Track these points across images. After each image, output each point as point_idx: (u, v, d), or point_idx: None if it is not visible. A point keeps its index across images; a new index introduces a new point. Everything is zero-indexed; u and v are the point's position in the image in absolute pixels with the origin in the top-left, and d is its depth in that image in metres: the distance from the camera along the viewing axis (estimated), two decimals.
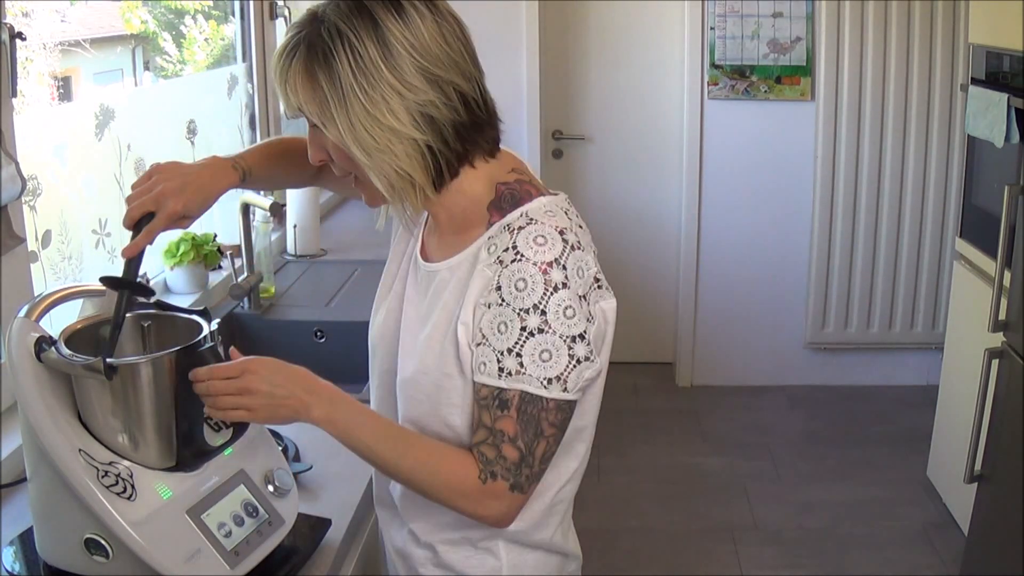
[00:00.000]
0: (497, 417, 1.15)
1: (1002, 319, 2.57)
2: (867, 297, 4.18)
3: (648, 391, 4.34)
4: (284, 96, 1.16)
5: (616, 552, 3.14)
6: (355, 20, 1.10)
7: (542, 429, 1.15)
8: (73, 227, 2.02)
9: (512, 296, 1.13)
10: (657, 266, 4.42)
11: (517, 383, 1.13)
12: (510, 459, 1.15)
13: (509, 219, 1.19)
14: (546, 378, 1.13)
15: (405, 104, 1.11)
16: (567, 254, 1.15)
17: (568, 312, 1.13)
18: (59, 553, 1.25)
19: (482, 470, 1.16)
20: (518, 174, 1.24)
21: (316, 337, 2.38)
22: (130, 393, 1.20)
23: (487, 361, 1.15)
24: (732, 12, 3.92)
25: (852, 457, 3.70)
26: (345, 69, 1.10)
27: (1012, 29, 2.65)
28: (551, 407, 1.15)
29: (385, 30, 1.10)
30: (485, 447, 1.16)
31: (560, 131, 4.34)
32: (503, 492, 1.16)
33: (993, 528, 2.56)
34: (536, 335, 1.12)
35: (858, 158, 4.01)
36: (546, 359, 1.13)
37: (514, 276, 1.14)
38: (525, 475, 1.17)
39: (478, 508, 1.18)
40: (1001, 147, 2.73)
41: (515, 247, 1.15)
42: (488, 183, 1.22)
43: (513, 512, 1.20)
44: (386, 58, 1.10)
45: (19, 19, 1.82)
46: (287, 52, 1.13)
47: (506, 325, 1.13)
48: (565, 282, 1.13)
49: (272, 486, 1.33)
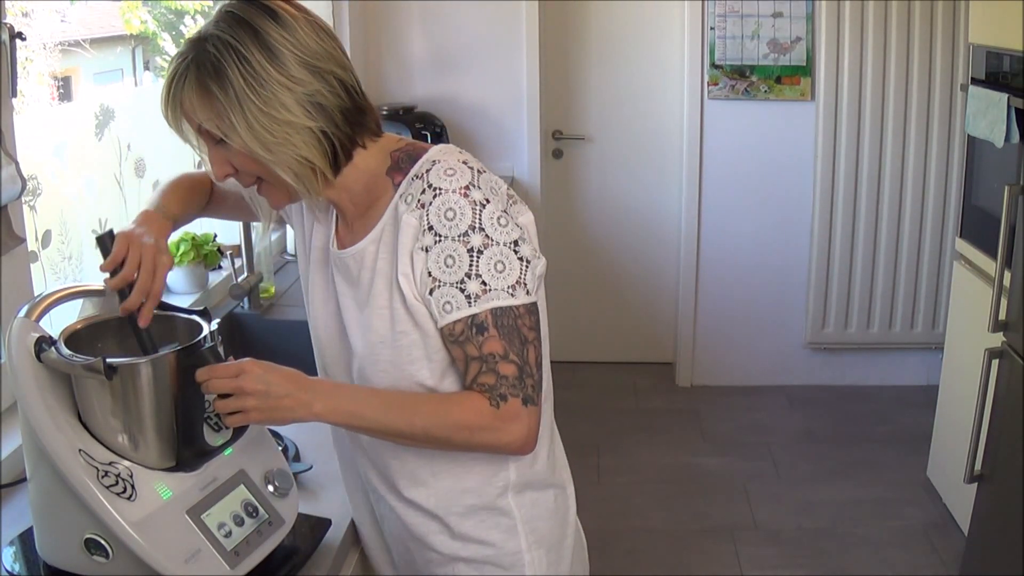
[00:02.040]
0: (481, 343, 1.20)
1: (1002, 319, 2.57)
2: (867, 297, 4.18)
3: (648, 391, 4.34)
4: (177, 123, 1.22)
5: (616, 552, 3.14)
6: (237, 31, 1.17)
7: (524, 335, 1.21)
8: (73, 227, 2.02)
9: (446, 227, 1.20)
10: (657, 266, 4.42)
11: (487, 303, 1.19)
12: (510, 375, 1.20)
13: (415, 169, 1.26)
14: (509, 286, 1.20)
15: (295, 97, 1.17)
16: (477, 176, 1.23)
17: (501, 220, 1.21)
18: (59, 553, 1.25)
19: (491, 398, 1.20)
20: (406, 140, 1.33)
21: None
22: (130, 393, 1.20)
23: (451, 299, 1.20)
24: (732, 12, 3.92)
25: (852, 457, 3.70)
26: (236, 76, 1.15)
27: (1012, 29, 2.65)
28: (523, 312, 1.21)
29: (266, 35, 1.17)
30: (483, 376, 1.21)
31: (560, 131, 4.34)
32: (518, 409, 1.21)
33: (993, 528, 2.56)
34: (484, 251, 1.19)
35: (858, 158, 4.01)
36: (501, 270, 1.20)
37: (441, 209, 1.20)
38: (529, 385, 1.22)
39: (501, 436, 1.22)
40: (1001, 147, 2.73)
41: (431, 186, 1.22)
42: (381, 155, 1.29)
43: (534, 428, 1.24)
44: (271, 59, 1.17)
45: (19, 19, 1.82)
46: (176, 79, 1.19)
47: (452, 257, 1.19)
48: (487, 198, 1.21)
49: (272, 486, 1.33)
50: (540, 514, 1.37)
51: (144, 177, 2.31)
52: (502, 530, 1.34)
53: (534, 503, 1.37)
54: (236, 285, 2.30)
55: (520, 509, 1.35)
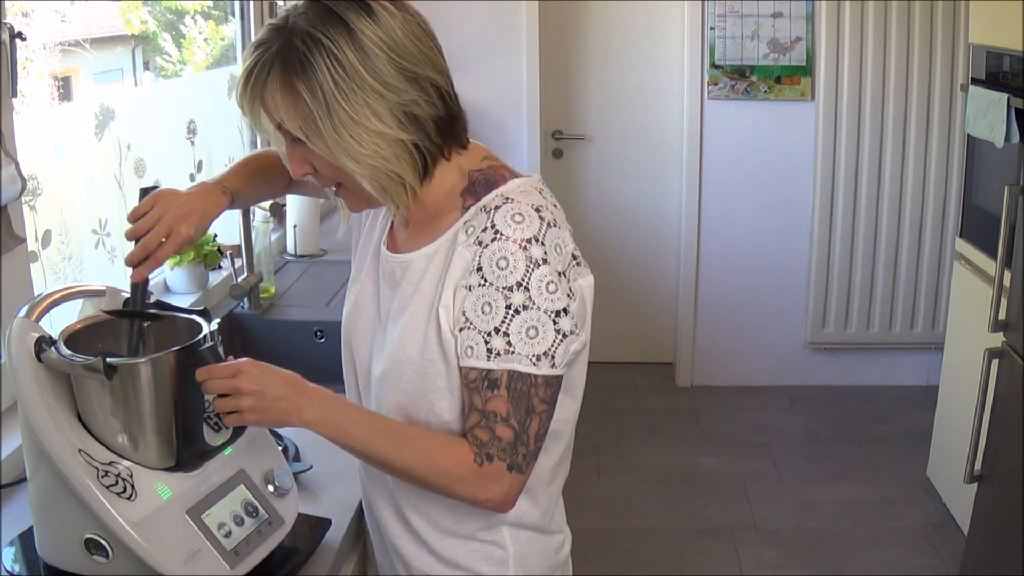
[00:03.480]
0: (488, 398, 1.15)
1: (1002, 319, 2.57)
2: (867, 297, 4.18)
3: (648, 391, 4.34)
4: (256, 117, 1.15)
5: (616, 552, 3.14)
6: (328, 26, 1.08)
7: (533, 406, 1.15)
8: (73, 227, 2.02)
9: (494, 275, 1.13)
10: (657, 266, 4.42)
11: (506, 363, 1.13)
12: (504, 439, 1.15)
13: (485, 201, 1.19)
14: (534, 355, 1.13)
15: (388, 106, 1.11)
16: (544, 231, 1.15)
17: (551, 287, 1.14)
18: (59, 553, 1.25)
19: (477, 453, 1.16)
20: (490, 160, 1.25)
21: (316, 337, 2.38)
22: (130, 393, 1.20)
23: (474, 344, 1.14)
24: (732, 12, 3.92)
25: (852, 457, 3.70)
26: (326, 78, 1.08)
27: (1012, 29, 2.65)
28: (540, 383, 1.15)
29: (359, 33, 1.09)
30: (479, 430, 1.16)
31: (560, 131, 4.34)
32: (501, 473, 1.16)
33: (993, 528, 2.56)
34: (521, 312, 1.13)
35: (858, 158, 4.01)
36: (533, 336, 1.13)
37: (495, 255, 1.14)
38: (521, 454, 1.16)
39: (478, 492, 1.18)
40: (1001, 147, 2.73)
41: (493, 226, 1.15)
42: (460, 173, 1.23)
43: (514, 494, 1.19)
44: (365, 62, 1.09)
45: (19, 19, 1.82)
46: (258, 70, 1.11)
47: (490, 305, 1.13)
48: (545, 258, 1.14)
49: (272, 486, 1.33)
50: (534, 552, 1.33)
51: (144, 177, 2.30)
52: (493, 562, 1.30)
53: (530, 540, 1.32)
54: (236, 285, 2.30)
55: (515, 544, 1.31)
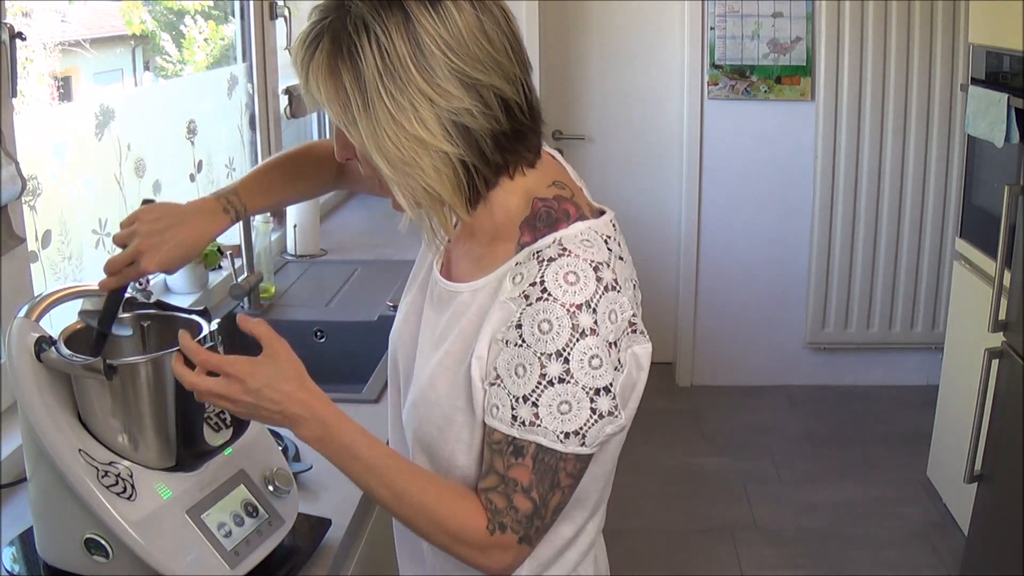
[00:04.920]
0: (511, 465, 1.04)
1: (1002, 319, 2.57)
2: (867, 297, 4.18)
3: (648, 391, 4.29)
4: (305, 88, 1.03)
5: (616, 552, 3.11)
6: (384, 12, 0.97)
7: (559, 480, 1.05)
8: (73, 227, 2.02)
9: (534, 338, 1.01)
10: (657, 266, 4.42)
11: (530, 434, 1.03)
12: (522, 511, 1.05)
13: (540, 245, 1.06)
14: (563, 432, 1.02)
15: (436, 112, 0.98)
16: (600, 296, 1.02)
17: (594, 362, 1.01)
18: (59, 553, 1.25)
19: (491, 520, 1.06)
20: (558, 188, 1.11)
21: (316, 337, 2.38)
22: (130, 393, 1.20)
23: (500, 405, 1.04)
24: (732, 12, 3.92)
25: (852, 457, 3.70)
26: (371, 69, 0.97)
27: (1012, 29, 2.65)
28: (570, 458, 1.04)
29: (417, 24, 0.97)
30: (495, 495, 1.06)
31: (560, 131, 4.33)
32: (511, 544, 1.06)
33: (993, 528, 2.56)
34: (556, 384, 1.01)
35: (858, 158, 4.01)
36: (565, 411, 1.02)
37: (538, 316, 1.01)
38: (536, 527, 1.07)
39: (481, 559, 1.08)
40: (1001, 147, 2.73)
41: (543, 282, 1.02)
42: (524, 197, 1.09)
43: (518, 563, 1.11)
44: (417, 58, 0.97)
45: (19, 19, 1.82)
46: (310, 40, 1.01)
47: (524, 368, 1.02)
48: (594, 328, 1.01)
49: (272, 486, 1.33)
50: None
51: (144, 177, 2.30)
52: None
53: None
54: (236, 285, 2.30)
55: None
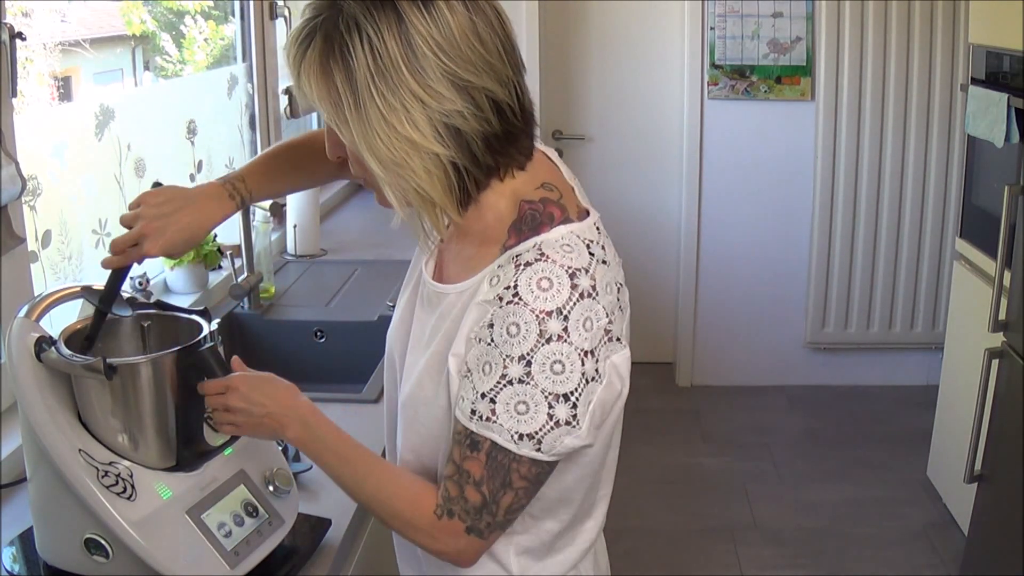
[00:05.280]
0: (466, 456, 1.07)
1: (1002, 319, 2.57)
2: (867, 297, 4.18)
3: (648, 391, 4.34)
4: (297, 85, 1.04)
5: (616, 552, 3.11)
6: (377, 13, 0.97)
7: (510, 480, 1.06)
8: (73, 227, 2.02)
9: (502, 339, 1.03)
10: (657, 266, 4.42)
11: (486, 430, 1.04)
12: (471, 502, 1.08)
13: (520, 248, 1.07)
14: (518, 433, 1.03)
15: (427, 113, 0.99)
16: (573, 303, 1.02)
17: (556, 367, 1.01)
18: (59, 553, 1.25)
19: (440, 505, 1.09)
20: (546, 191, 1.12)
21: (316, 337, 2.38)
22: (130, 393, 1.20)
23: (464, 397, 1.06)
24: (732, 12, 3.92)
25: (852, 457, 3.70)
26: (363, 69, 0.98)
27: (1012, 29, 2.65)
28: (524, 461, 1.05)
29: (409, 25, 0.97)
30: (450, 483, 1.09)
31: (560, 131, 4.34)
32: (459, 532, 1.09)
33: (993, 528, 2.56)
34: (515, 384, 1.02)
35: (858, 158, 4.01)
36: (522, 412, 1.02)
37: (507, 319, 1.03)
38: (486, 522, 1.09)
39: (432, 543, 1.12)
40: (1001, 147, 2.73)
41: (515, 286, 1.04)
42: (512, 200, 1.10)
43: (471, 554, 1.13)
44: (409, 60, 0.97)
45: (19, 19, 1.82)
46: (302, 38, 1.01)
47: (490, 366, 1.04)
48: (562, 335, 1.01)
49: (272, 486, 1.33)
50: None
51: (144, 177, 2.30)
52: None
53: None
54: (236, 285, 2.30)
55: None
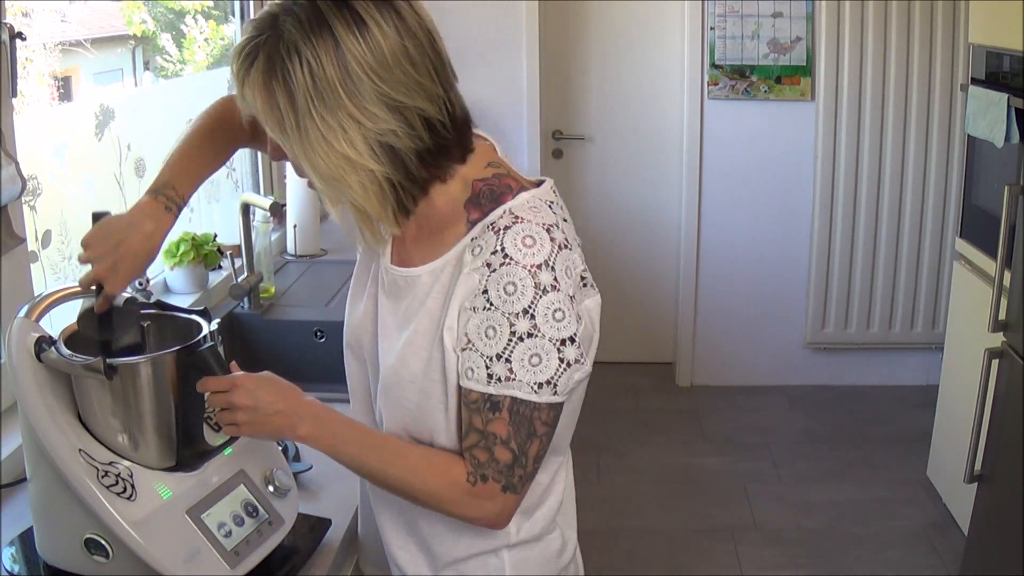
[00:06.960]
0: (488, 420, 1.13)
1: (1002, 319, 2.57)
2: (867, 297, 4.18)
3: (648, 391, 4.34)
4: (241, 98, 1.10)
5: (616, 552, 3.13)
6: (314, 38, 1.04)
7: (535, 429, 1.14)
8: (73, 227, 2.02)
9: (501, 300, 1.10)
10: (657, 266, 4.42)
11: (507, 389, 1.11)
12: (503, 461, 1.14)
13: (492, 217, 1.15)
14: (536, 383, 1.11)
15: (363, 133, 1.06)
16: (556, 254, 1.12)
17: (557, 315, 1.11)
18: (59, 553, 1.25)
19: (471, 472, 1.15)
20: (494, 168, 1.20)
21: (316, 337, 2.38)
22: (130, 393, 1.21)
23: (475, 367, 1.12)
24: (732, 12, 3.92)
25: (852, 457, 3.70)
26: (302, 91, 1.04)
27: (1012, 29, 2.65)
28: (543, 407, 1.13)
29: (346, 50, 1.03)
30: (477, 450, 1.15)
31: (560, 131, 4.34)
32: (495, 493, 1.15)
33: (993, 528, 2.56)
34: (526, 339, 1.10)
35: (858, 158, 4.01)
36: (536, 363, 1.11)
37: (503, 279, 1.10)
38: (518, 475, 1.16)
39: (469, 511, 1.18)
40: (1001, 147, 2.73)
41: (503, 249, 1.11)
42: (462, 183, 1.18)
43: (508, 511, 1.19)
44: (345, 83, 1.04)
45: (19, 19, 1.82)
46: (245, 55, 1.07)
47: (494, 330, 1.11)
48: (555, 284, 1.11)
49: (272, 486, 1.33)
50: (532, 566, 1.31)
51: (144, 177, 2.30)
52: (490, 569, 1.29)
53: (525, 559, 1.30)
54: (236, 285, 2.30)
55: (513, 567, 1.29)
